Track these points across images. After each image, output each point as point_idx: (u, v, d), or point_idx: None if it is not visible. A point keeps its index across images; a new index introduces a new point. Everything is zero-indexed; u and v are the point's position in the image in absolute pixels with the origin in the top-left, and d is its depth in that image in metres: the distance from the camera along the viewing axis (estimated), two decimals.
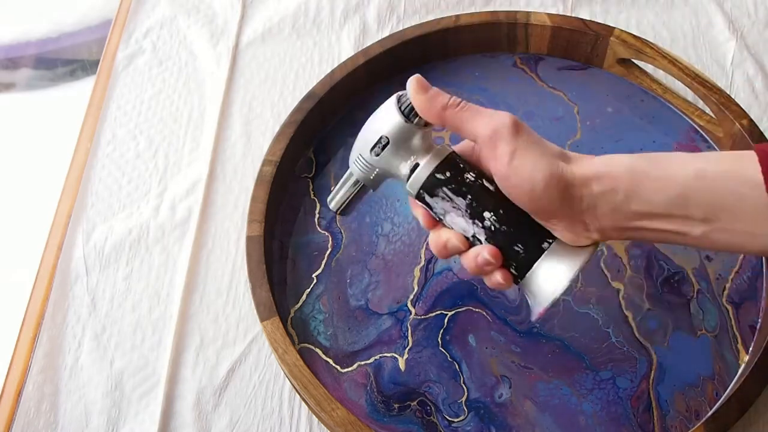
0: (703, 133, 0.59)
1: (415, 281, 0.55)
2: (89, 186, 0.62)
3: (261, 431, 0.52)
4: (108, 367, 0.54)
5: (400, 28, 0.64)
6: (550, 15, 0.61)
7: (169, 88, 0.67)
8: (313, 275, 0.55)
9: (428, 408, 0.50)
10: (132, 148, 0.64)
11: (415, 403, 0.50)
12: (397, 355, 0.52)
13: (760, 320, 0.52)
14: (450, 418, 0.50)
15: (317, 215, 0.57)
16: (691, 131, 0.59)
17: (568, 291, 0.52)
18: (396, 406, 0.50)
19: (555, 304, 0.42)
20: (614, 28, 0.60)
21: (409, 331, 0.53)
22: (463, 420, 0.50)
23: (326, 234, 0.56)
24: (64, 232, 0.59)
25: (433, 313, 0.53)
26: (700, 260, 0.54)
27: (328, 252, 0.56)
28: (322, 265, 0.55)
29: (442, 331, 0.53)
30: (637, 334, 0.52)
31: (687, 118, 0.59)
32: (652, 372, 0.51)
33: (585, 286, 0.53)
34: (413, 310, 0.53)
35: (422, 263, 0.55)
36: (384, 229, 0.57)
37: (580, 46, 0.61)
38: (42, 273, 0.58)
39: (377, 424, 0.50)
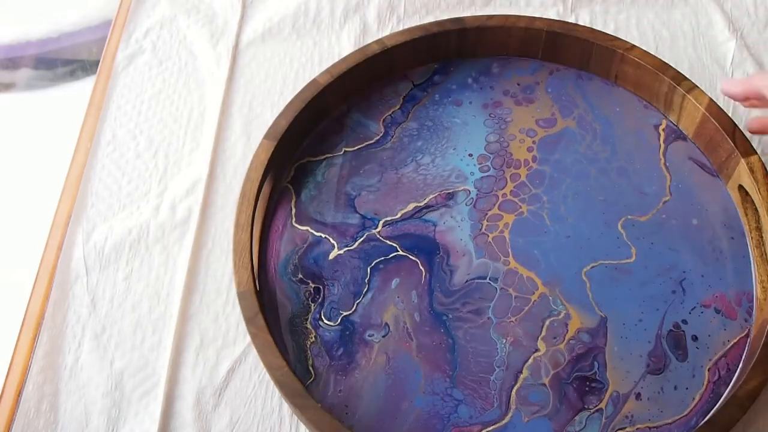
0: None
1: (403, 211, 0.57)
2: (89, 186, 0.62)
3: (261, 431, 0.52)
4: (108, 367, 0.54)
5: (400, 28, 0.64)
6: (709, 103, 0.57)
7: (169, 88, 0.67)
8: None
9: (317, 297, 0.54)
10: (132, 148, 0.64)
11: (313, 285, 0.54)
12: (336, 245, 0.56)
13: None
14: (324, 317, 0.53)
15: None
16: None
17: None
18: (300, 276, 0.55)
19: None
20: (755, 152, 0.55)
21: (361, 239, 0.56)
22: (330, 326, 0.53)
23: None
24: (64, 232, 0.59)
25: (390, 242, 0.56)
26: (629, 394, 0.50)
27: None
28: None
29: (382, 258, 0.55)
30: (513, 396, 0.50)
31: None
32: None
33: (517, 323, 0.53)
34: (380, 228, 0.57)
35: (420, 204, 0.57)
36: (424, 159, 0.60)
37: (719, 150, 0.58)
38: (42, 273, 0.58)
39: (277, 278, 0.54)
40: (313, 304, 0.54)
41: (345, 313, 0.54)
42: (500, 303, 0.54)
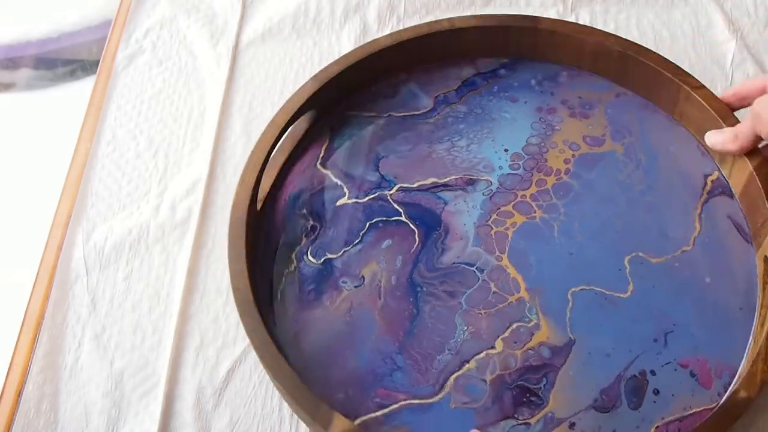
0: None
1: (421, 183, 0.59)
2: (89, 186, 0.62)
3: (261, 431, 0.52)
4: (108, 367, 0.54)
5: (401, 28, 0.63)
6: (760, 162, 0.54)
7: (169, 88, 0.67)
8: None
9: (311, 234, 0.57)
10: (132, 148, 0.64)
11: (312, 222, 0.57)
12: (348, 194, 0.58)
13: None
14: (310, 254, 0.56)
15: None
16: None
17: None
18: (304, 211, 0.58)
19: None
20: None
21: (372, 196, 0.58)
22: (312, 263, 0.55)
23: None
24: (64, 232, 0.59)
25: (397, 206, 0.58)
26: (563, 420, 0.48)
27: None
28: None
29: (384, 218, 0.57)
30: (451, 381, 0.50)
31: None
32: None
33: (485, 316, 0.52)
34: (393, 191, 0.58)
35: (440, 181, 0.58)
36: (460, 142, 0.61)
37: (757, 214, 0.54)
38: (42, 273, 0.58)
39: (285, 206, 0.58)
40: (305, 239, 0.56)
41: (330, 256, 0.55)
42: (477, 293, 0.53)
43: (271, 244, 0.56)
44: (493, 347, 0.51)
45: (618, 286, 0.53)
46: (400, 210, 0.57)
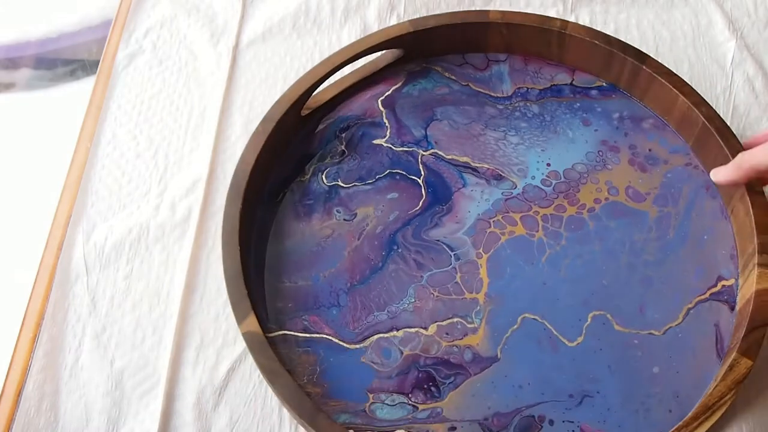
0: None
1: (454, 157, 0.60)
2: (89, 186, 0.62)
3: (261, 431, 0.52)
4: (108, 366, 0.54)
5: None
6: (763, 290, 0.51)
7: (169, 88, 0.67)
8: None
9: (335, 158, 0.59)
10: (132, 148, 0.64)
11: (343, 148, 0.60)
12: (387, 137, 0.60)
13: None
14: (325, 174, 0.59)
15: None
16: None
17: None
18: (343, 135, 0.60)
19: None
20: (752, 359, 0.49)
21: (407, 148, 0.60)
22: (322, 182, 0.58)
23: None
24: (64, 232, 0.59)
25: (421, 168, 0.59)
26: (447, 421, 0.49)
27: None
28: None
29: (404, 172, 0.59)
30: (374, 339, 0.53)
31: None
32: None
33: (435, 299, 0.53)
34: (426, 153, 0.60)
35: (472, 164, 0.59)
36: (513, 138, 0.60)
37: (735, 337, 0.51)
38: (42, 273, 0.58)
39: (332, 122, 0.61)
40: (329, 159, 0.59)
41: (340, 183, 0.58)
42: (441, 276, 0.54)
43: (302, 148, 0.60)
44: (426, 328, 0.52)
45: (569, 333, 0.52)
46: (422, 172, 0.59)
